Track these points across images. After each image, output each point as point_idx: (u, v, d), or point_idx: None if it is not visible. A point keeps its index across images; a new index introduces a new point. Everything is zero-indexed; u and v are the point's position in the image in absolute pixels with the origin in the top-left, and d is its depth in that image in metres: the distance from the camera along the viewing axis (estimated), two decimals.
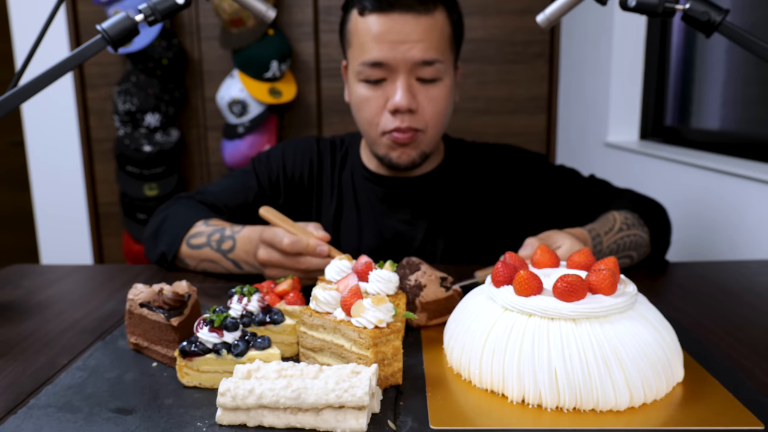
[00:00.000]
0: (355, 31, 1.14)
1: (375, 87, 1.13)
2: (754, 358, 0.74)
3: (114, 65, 2.90)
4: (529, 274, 0.65)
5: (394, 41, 1.09)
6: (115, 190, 3.00)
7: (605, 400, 0.60)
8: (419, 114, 1.13)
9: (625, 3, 0.84)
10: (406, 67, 1.10)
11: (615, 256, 1.05)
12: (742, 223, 1.44)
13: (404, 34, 1.09)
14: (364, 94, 1.15)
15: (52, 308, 0.94)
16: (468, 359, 0.67)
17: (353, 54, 1.15)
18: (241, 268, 1.06)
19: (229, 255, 1.06)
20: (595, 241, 1.04)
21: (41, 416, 0.61)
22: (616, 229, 1.09)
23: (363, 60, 1.12)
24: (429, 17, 1.10)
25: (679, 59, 2.10)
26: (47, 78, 0.85)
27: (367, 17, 1.10)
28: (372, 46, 1.10)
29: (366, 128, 1.18)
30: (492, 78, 2.91)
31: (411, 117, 1.12)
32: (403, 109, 1.11)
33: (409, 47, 1.09)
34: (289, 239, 0.93)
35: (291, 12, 2.86)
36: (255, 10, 0.93)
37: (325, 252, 0.93)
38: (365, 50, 1.11)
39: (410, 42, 1.09)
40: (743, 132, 1.75)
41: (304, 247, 0.93)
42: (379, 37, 1.09)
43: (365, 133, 1.20)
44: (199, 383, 0.67)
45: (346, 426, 0.57)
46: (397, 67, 1.10)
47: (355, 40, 1.14)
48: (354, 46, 1.15)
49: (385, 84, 1.13)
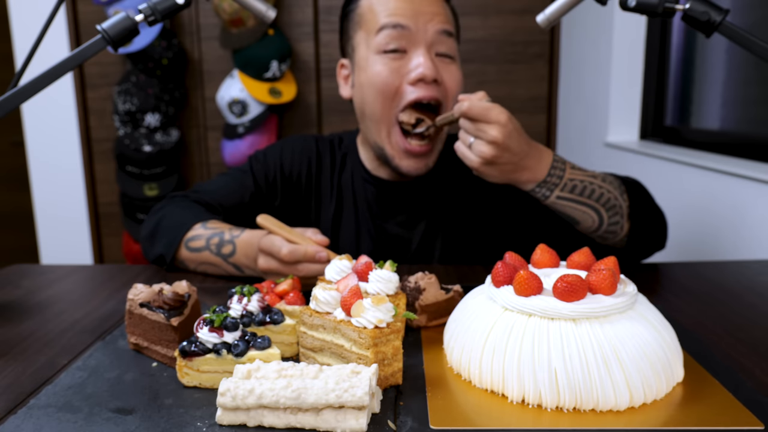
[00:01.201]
0: (368, 10, 1.14)
1: (394, 59, 1.11)
2: (754, 358, 0.74)
3: (114, 65, 2.90)
4: (529, 274, 0.65)
5: (414, 10, 1.10)
6: (115, 190, 3.00)
7: (605, 400, 0.60)
8: (441, 86, 1.12)
9: (625, 3, 0.84)
10: (426, 37, 1.10)
11: (576, 196, 1.02)
12: (742, 223, 1.44)
13: (422, 5, 1.11)
14: (380, 69, 1.11)
15: (52, 308, 0.94)
16: (468, 359, 0.67)
17: (367, 32, 1.14)
18: (242, 271, 1.06)
19: (229, 259, 1.05)
20: (557, 162, 1.02)
21: (41, 416, 0.61)
22: (588, 173, 1.05)
23: (385, 22, 1.10)
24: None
25: (679, 59, 2.10)
26: (47, 78, 0.85)
27: None
28: (390, 14, 1.11)
29: (379, 106, 1.13)
30: (492, 78, 2.91)
31: (435, 88, 1.11)
32: (429, 79, 1.09)
33: (429, 17, 1.10)
34: (287, 248, 0.92)
35: (291, 12, 2.86)
36: (255, 10, 0.93)
37: (324, 258, 0.92)
38: (385, 16, 1.11)
39: (428, 13, 1.10)
40: (743, 132, 1.75)
41: (303, 254, 0.92)
42: (396, 8, 1.10)
43: (376, 123, 1.15)
44: (199, 383, 0.67)
45: (346, 426, 0.57)
46: (418, 37, 1.10)
47: (370, 18, 1.13)
48: (368, 25, 1.14)
49: (405, 57, 1.11)
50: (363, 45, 1.15)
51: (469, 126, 0.98)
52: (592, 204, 1.04)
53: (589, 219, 1.05)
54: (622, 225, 1.08)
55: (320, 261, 0.92)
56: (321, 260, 0.92)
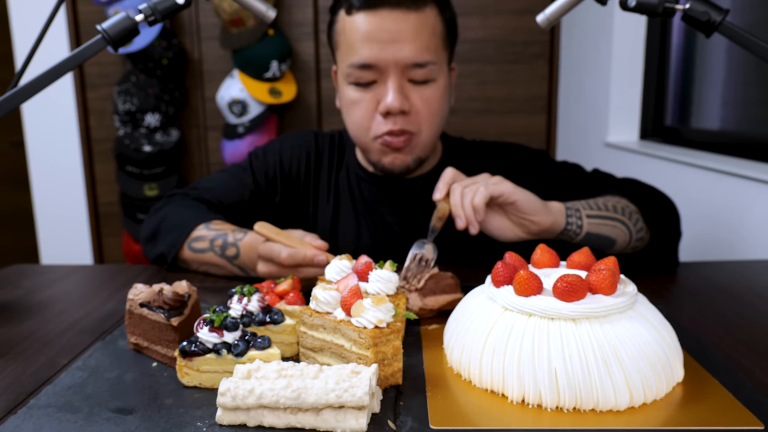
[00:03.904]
0: (342, 32, 1.11)
1: (365, 90, 1.10)
2: (754, 358, 0.74)
3: (114, 65, 2.90)
4: (529, 274, 0.65)
5: (384, 40, 1.06)
6: (115, 190, 3.00)
7: (605, 400, 0.60)
8: (412, 116, 1.10)
9: (625, 3, 0.84)
10: (397, 68, 1.07)
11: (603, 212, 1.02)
12: (742, 223, 1.44)
13: (394, 33, 1.05)
14: (353, 97, 1.12)
15: (52, 308, 0.94)
16: (468, 359, 0.67)
17: (341, 56, 1.12)
18: (247, 273, 1.06)
19: (234, 262, 1.06)
20: (570, 211, 1.00)
21: (41, 416, 0.61)
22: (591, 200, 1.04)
23: (351, 62, 1.09)
24: (419, 14, 1.07)
25: (679, 59, 2.10)
26: (47, 78, 0.85)
27: (355, 16, 1.07)
28: (360, 46, 1.07)
29: (357, 133, 1.15)
30: (492, 78, 2.91)
31: (404, 119, 1.09)
32: (396, 111, 1.08)
33: (399, 47, 1.06)
34: (286, 252, 0.93)
35: (291, 12, 2.86)
36: (255, 10, 0.93)
37: (323, 261, 0.92)
38: (353, 51, 1.08)
39: (400, 42, 1.06)
40: (743, 132, 1.75)
41: (303, 258, 0.93)
42: (368, 36, 1.06)
43: (356, 138, 1.17)
44: (199, 383, 0.67)
45: (346, 426, 0.57)
46: (388, 69, 1.07)
47: (343, 41, 1.11)
48: (342, 48, 1.12)
49: (376, 86, 1.09)
50: (341, 64, 1.14)
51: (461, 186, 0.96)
52: (617, 217, 1.04)
53: (621, 233, 1.05)
54: (642, 226, 1.08)
55: (319, 264, 0.93)
56: (320, 264, 0.92)
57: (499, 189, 0.94)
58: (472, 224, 0.93)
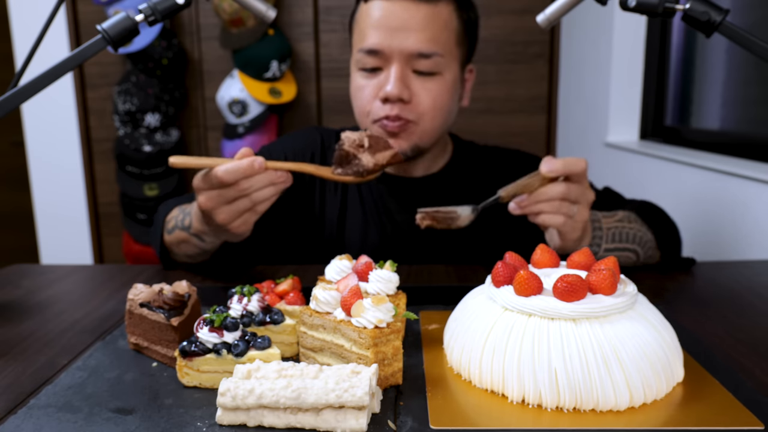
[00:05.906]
0: (358, 19, 1.15)
1: (370, 76, 1.13)
2: (754, 358, 0.74)
3: (114, 65, 2.90)
4: (529, 274, 0.65)
5: (392, 27, 1.08)
6: (115, 190, 3.00)
7: (605, 400, 0.60)
8: (412, 105, 1.11)
9: (625, 3, 0.84)
10: (401, 56, 1.09)
11: (617, 243, 1.04)
12: (742, 223, 1.44)
13: (402, 21, 1.08)
14: (359, 83, 1.15)
15: (52, 308, 0.94)
16: (468, 359, 0.67)
17: (354, 42, 1.16)
18: (204, 240, 1.02)
19: (191, 231, 1.03)
20: (594, 217, 1.02)
21: (41, 416, 0.61)
22: (616, 217, 1.07)
23: (360, 47, 1.12)
24: (432, 6, 1.09)
25: (679, 59, 2.10)
26: (47, 78, 0.85)
27: (370, 3, 1.11)
28: (370, 32, 1.10)
29: (360, 119, 1.18)
30: (492, 78, 2.91)
31: (402, 107, 1.11)
32: (394, 98, 1.09)
33: (405, 36, 1.08)
34: (222, 168, 0.85)
35: (291, 12, 2.86)
36: (255, 10, 0.93)
37: (261, 164, 0.85)
38: (363, 37, 1.11)
39: (408, 30, 1.08)
40: (743, 132, 1.75)
41: (241, 170, 0.85)
42: (377, 23, 1.09)
43: (360, 124, 1.19)
44: (199, 383, 0.67)
45: (346, 426, 0.57)
46: (392, 56, 1.09)
47: (357, 28, 1.15)
48: (355, 34, 1.15)
49: (380, 73, 1.12)
50: (353, 51, 1.17)
51: (576, 190, 0.92)
52: (632, 247, 1.08)
53: (629, 261, 1.09)
54: (653, 255, 1.13)
55: (260, 169, 0.85)
56: (260, 168, 0.85)
57: (582, 214, 0.94)
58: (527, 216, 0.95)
